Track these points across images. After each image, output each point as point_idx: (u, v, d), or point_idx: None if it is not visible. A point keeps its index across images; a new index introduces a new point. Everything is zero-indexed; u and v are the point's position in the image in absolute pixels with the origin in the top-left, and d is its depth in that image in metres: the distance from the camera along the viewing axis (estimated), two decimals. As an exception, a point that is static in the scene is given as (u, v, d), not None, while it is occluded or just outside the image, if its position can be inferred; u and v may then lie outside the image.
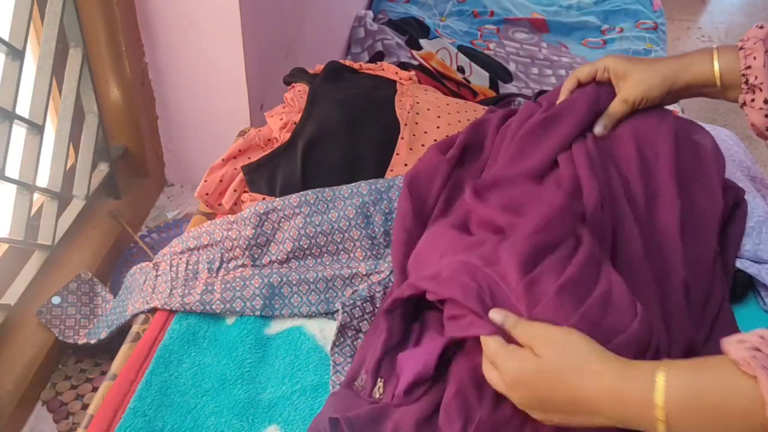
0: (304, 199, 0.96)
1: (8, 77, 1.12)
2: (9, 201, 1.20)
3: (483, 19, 2.37)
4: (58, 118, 1.33)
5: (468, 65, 2.06)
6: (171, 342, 0.88)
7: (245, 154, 1.07)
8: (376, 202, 0.97)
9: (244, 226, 0.95)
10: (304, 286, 0.93)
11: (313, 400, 0.81)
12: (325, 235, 0.95)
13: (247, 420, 0.79)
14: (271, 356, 0.87)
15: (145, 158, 1.60)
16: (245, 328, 0.90)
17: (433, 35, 2.18)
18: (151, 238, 1.52)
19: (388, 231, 0.97)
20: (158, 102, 1.57)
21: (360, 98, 1.10)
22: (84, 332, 1.15)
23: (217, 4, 1.39)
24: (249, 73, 1.49)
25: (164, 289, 0.93)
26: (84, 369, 1.24)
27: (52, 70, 1.22)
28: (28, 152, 1.21)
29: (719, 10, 3.29)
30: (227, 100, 1.53)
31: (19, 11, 1.13)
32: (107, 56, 1.43)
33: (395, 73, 1.19)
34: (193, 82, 1.52)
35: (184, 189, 1.70)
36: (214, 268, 0.95)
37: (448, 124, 1.08)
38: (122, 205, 1.52)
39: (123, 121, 1.53)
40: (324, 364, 0.85)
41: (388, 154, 1.04)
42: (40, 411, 1.19)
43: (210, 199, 1.05)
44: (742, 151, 1.20)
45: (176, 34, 1.45)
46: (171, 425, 0.79)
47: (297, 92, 1.12)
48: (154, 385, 0.83)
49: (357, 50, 2.16)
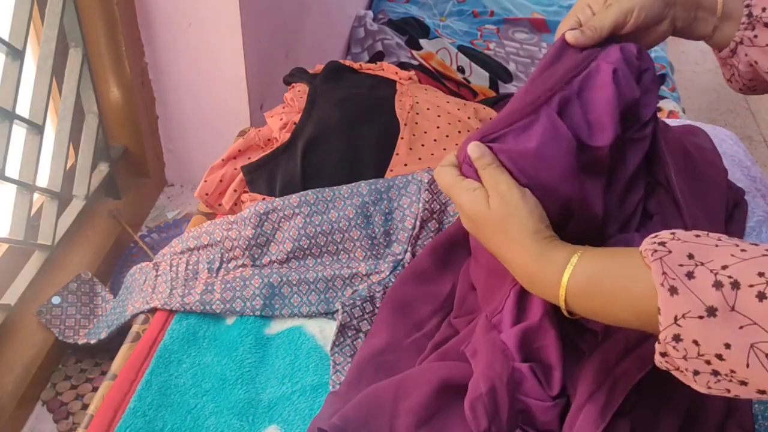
0: (304, 199, 0.96)
1: (8, 77, 1.12)
2: (9, 201, 1.20)
3: (483, 19, 2.37)
4: (58, 118, 1.33)
5: (468, 65, 2.06)
6: (171, 342, 0.88)
7: (245, 154, 1.07)
8: (376, 202, 0.97)
9: (244, 226, 0.95)
10: (304, 286, 0.93)
11: (313, 400, 0.81)
12: (325, 235, 0.95)
13: (247, 420, 0.79)
14: (271, 356, 0.87)
15: (145, 158, 1.60)
16: (245, 328, 0.90)
17: (433, 35, 2.18)
18: (151, 238, 1.52)
19: (388, 231, 0.97)
20: (158, 102, 1.57)
21: (360, 98, 1.10)
22: (84, 332, 1.15)
23: (217, 4, 1.39)
24: (249, 73, 1.49)
25: (164, 289, 0.93)
26: (84, 369, 1.24)
27: (52, 70, 1.22)
28: (28, 152, 1.21)
29: (719, 10, 3.28)
30: (227, 100, 1.53)
31: (19, 11, 1.13)
32: (107, 56, 1.43)
33: (395, 73, 1.19)
34: (193, 82, 1.52)
35: (184, 189, 1.70)
36: (214, 268, 0.95)
37: (448, 124, 1.08)
38: (122, 205, 1.52)
39: (123, 121, 1.53)
40: (324, 364, 0.85)
41: (388, 154, 1.04)
42: (40, 411, 1.19)
43: (210, 199, 1.05)
44: (742, 151, 1.20)
45: (176, 34, 1.45)
46: (171, 425, 0.79)
47: (297, 92, 1.12)
48: (154, 385, 0.83)
49: (357, 50, 2.16)
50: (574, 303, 0.60)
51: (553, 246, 0.63)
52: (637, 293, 0.54)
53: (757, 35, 0.76)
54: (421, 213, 0.96)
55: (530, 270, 0.63)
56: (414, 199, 0.97)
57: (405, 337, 0.83)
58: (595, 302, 0.58)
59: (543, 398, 0.69)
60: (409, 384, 0.73)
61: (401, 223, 0.97)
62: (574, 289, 0.59)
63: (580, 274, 0.59)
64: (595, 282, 0.58)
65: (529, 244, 0.63)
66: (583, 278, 0.59)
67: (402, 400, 0.72)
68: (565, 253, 0.61)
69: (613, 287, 0.56)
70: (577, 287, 0.59)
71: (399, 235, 0.96)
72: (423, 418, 0.71)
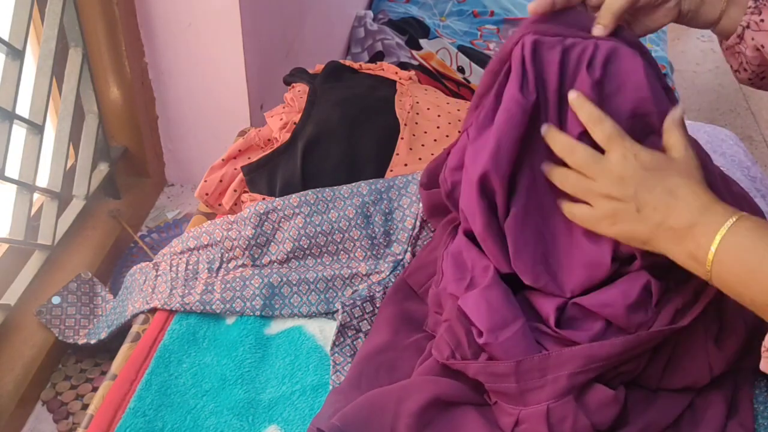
0: (304, 199, 0.96)
1: (8, 77, 1.12)
2: (9, 201, 1.20)
3: (483, 19, 2.37)
4: (58, 118, 1.33)
5: (468, 65, 2.06)
6: (171, 342, 0.88)
7: (245, 154, 1.07)
8: (376, 202, 0.97)
9: (244, 226, 0.95)
10: (304, 286, 0.93)
11: (313, 400, 0.81)
12: (325, 235, 0.95)
13: (247, 420, 0.79)
14: (271, 356, 0.87)
15: (145, 158, 1.60)
16: (245, 328, 0.89)
17: (433, 35, 2.18)
18: (151, 238, 1.52)
19: (388, 231, 0.97)
20: (158, 102, 1.57)
21: (360, 98, 1.10)
22: (84, 332, 1.15)
23: (217, 4, 1.39)
24: (249, 73, 1.49)
25: (164, 289, 0.93)
26: (84, 369, 1.24)
27: (52, 70, 1.22)
28: (28, 152, 1.21)
29: (719, 10, 3.28)
30: (227, 100, 1.53)
31: (19, 11, 1.13)
32: (107, 56, 1.43)
33: (395, 73, 1.19)
34: (193, 82, 1.52)
35: (184, 189, 1.70)
36: (214, 268, 0.95)
37: (449, 124, 1.08)
38: (122, 205, 1.52)
39: (123, 121, 1.53)
40: (324, 364, 0.85)
41: (388, 154, 1.04)
42: (40, 411, 1.19)
43: (210, 199, 1.05)
44: (742, 151, 1.20)
45: (176, 34, 1.45)
46: (171, 425, 0.79)
47: (297, 92, 1.11)
48: (154, 385, 0.83)
49: (357, 50, 2.16)
50: (722, 262, 0.60)
51: (716, 200, 0.64)
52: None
53: (764, 19, 0.76)
54: (421, 213, 0.96)
55: (693, 217, 0.63)
56: (414, 199, 0.97)
57: (405, 337, 0.83)
58: (743, 267, 0.59)
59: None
60: (411, 388, 0.73)
61: (401, 223, 0.97)
62: (726, 246, 0.60)
63: (736, 232, 0.60)
64: (747, 248, 0.59)
65: (702, 192, 0.64)
66: (738, 238, 0.59)
67: (404, 402, 0.72)
68: (728, 210, 0.62)
69: (759, 260, 0.58)
70: (729, 244, 0.60)
71: (399, 235, 0.96)
72: (425, 421, 0.71)
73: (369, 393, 0.74)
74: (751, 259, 0.59)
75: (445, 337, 0.75)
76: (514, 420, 0.70)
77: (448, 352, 0.74)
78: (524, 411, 0.69)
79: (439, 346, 0.75)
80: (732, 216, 0.61)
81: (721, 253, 0.60)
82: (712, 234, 0.61)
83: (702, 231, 0.62)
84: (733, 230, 0.60)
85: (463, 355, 0.73)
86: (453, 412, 0.73)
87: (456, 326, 0.75)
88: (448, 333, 0.75)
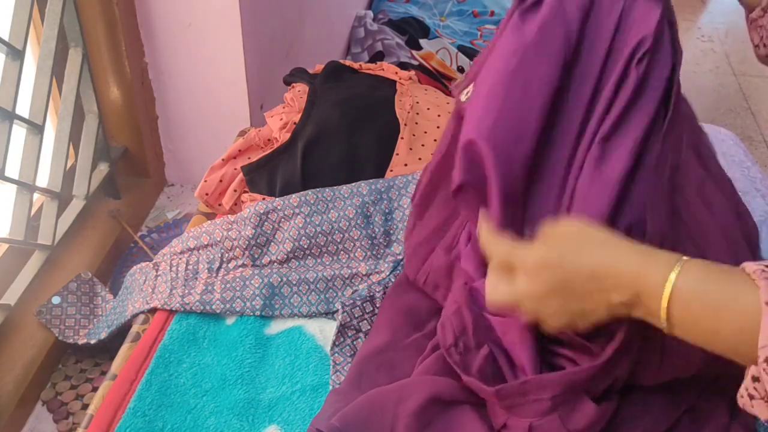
0: (304, 199, 0.96)
1: (8, 77, 1.12)
2: (9, 201, 1.20)
3: (483, 19, 2.37)
4: (58, 118, 1.33)
5: (468, 65, 2.06)
6: (171, 342, 0.88)
7: (245, 154, 1.07)
8: (376, 202, 0.97)
9: (244, 226, 0.95)
10: (304, 286, 0.93)
11: (313, 400, 0.81)
12: (325, 235, 0.95)
13: (247, 420, 0.79)
14: (271, 356, 0.87)
15: (145, 158, 1.60)
16: (245, 328, 0.89)
17: (433, 35, 2.18)
18: (151, 238, 1.52)
19: (387, 231, 0.97)
20: (158, 102, 1.57)
21: (360, 98, 1.10)
22: (84, 332, 1.15)
23: (217, 4, 1.39)
24: (249, 73, 1.49)
25: (164, 289, 0.93)
26: (84, 369, 1.24)
27: (52, 70, 1.22)
28: (28, 152, 1.21)
29: (719, 10, 3.29)
30: (227, 100, 1.53)
31: (19, 11, 1.13)
32: (107, 56, 1.43)
33: (395, 73, 1.19)
34: (193, 82, 1.52)
35: (184, 189, 1.70)
36: (214, 268, 0.95)
37: (448, 124, 1.08)
38: (122, 205, 1.52)
39: (123, 121, 1.53)
40: (324, 364, 0.85)
41: (388, 154, 1.04)
42: (40, 411, 1.19)
43: (210, 199, 1.05)
44: (742, 151, 1.20)
45: (176, 34, 1.45)
46: (171, 425, 0.79)
47: (297, 92, 1.12)
48: (154, 385, 0.83)
49: (357, 50, 2.16)
50: (677, 307, 0.56)
51: (652, 248, 0.60)
52: (744, 308, 0.52)
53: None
54: (421, 213, 0.96)
55: (637, 268, 0.58)
56: (414, 199, 0.97)
57: (405, 337, 0.83)
58: (700, 309, 0.55)
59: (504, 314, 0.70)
60: (410, 388, 0.73)
61: (401, 223, 0.97)
62: (681, 291, 0.56)
63: (688, 274, 0.56)
64: (699, 290, 0.56)
65: (627, 245, 0.60)
66: (690, 280, 0.56)
67: (403, 402, 0.72)
68: (670, 255, 0.58)
69: (719, 299, 0.54)
70: (684, 290, 0.56)
71: (399, 235, 0.96)
72: (425, 421, 0.71)
73: (368, 393, 0.74)
74: (707, 304, 0.56)
75: (452, 321, 0.74)
76: (502, 422, 0.70)
77: (451, 339, 0.73)
78: (511, 419, 0.69)
79: (443, 329, 0.75)
80: (668, 274, 0.57)
81: (672, 309, 0.57)
82: (658, 296, 0.57)
83: (647, 293, 0.58)
84: (677, 289, 0.56)
85: (467, 344, 0.73)
86: (452, 411, 0.72)
87: (464, 311, 0.74)
88: (455, 316, 0.74)
